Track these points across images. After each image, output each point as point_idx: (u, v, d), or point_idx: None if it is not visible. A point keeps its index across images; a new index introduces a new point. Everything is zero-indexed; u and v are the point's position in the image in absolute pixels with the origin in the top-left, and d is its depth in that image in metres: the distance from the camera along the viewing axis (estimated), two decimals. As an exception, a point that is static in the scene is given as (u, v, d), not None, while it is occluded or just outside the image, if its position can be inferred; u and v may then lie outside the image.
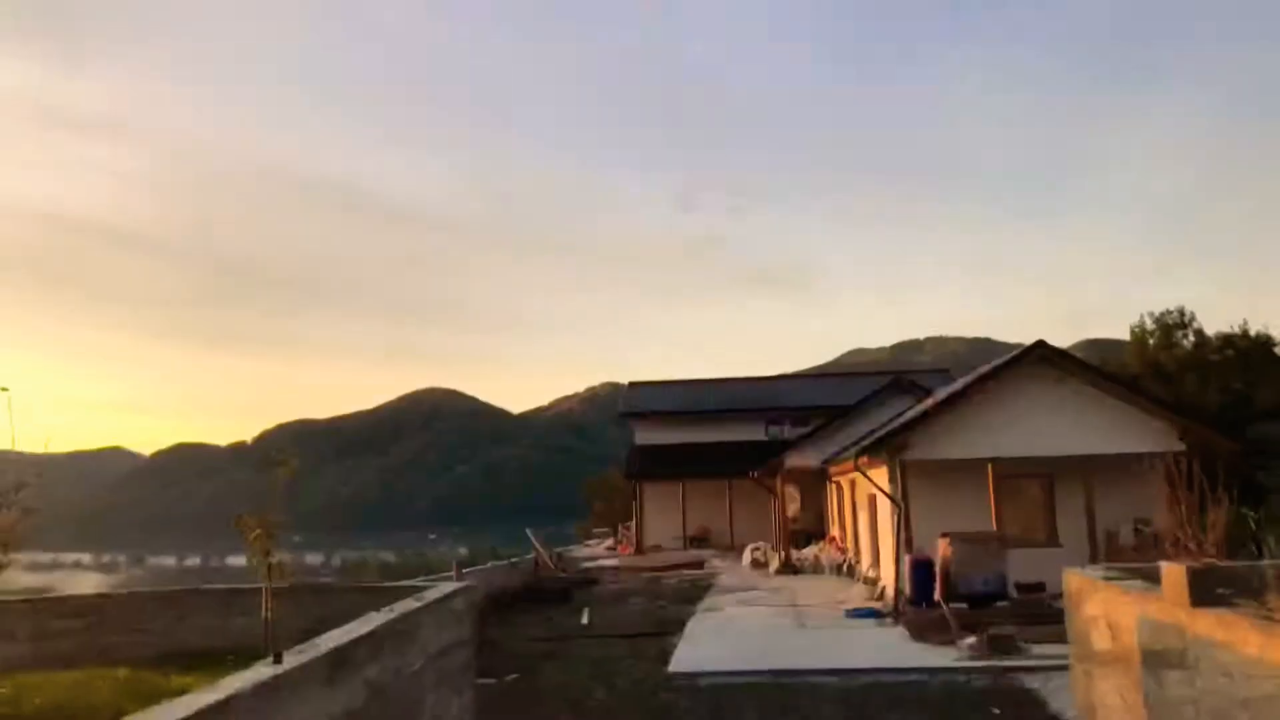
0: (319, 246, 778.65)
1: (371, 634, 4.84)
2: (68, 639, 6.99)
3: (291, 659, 4.00)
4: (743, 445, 36.40)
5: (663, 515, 38.11)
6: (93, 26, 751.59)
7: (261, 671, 3.70)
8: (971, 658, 13.34)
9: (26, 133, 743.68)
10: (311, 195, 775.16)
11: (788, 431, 36.72)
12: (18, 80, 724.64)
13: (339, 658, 4.33)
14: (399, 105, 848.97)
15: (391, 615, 5.31)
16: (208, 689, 3.34)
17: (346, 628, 4.83)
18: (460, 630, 6.47)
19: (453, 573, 17.77)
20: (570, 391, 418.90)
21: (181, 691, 3.92)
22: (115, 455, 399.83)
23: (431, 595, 6.17)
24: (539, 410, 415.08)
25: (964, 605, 16.15)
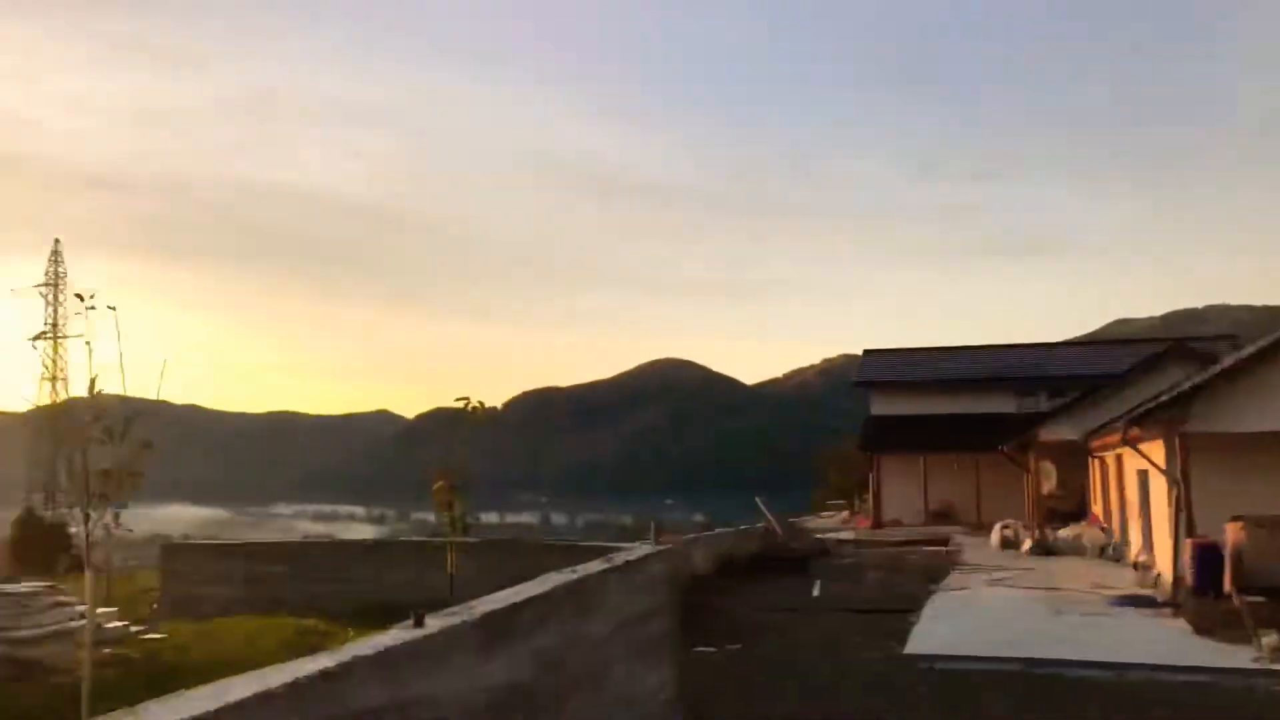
0: (559, 221, 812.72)
1: (544, 596, 4.24)
2: (279, 584, 7.02)
3: (435, 621, 3.44)
4: (990, 417, 34.16)
5: (902, 489, 36.68)
6: (366, 19, 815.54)
7: (396, 635, 3.15)
8: (1273, 659, 11.37)
9: (298, 123, 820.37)
10: (556, 172, 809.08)
11: (1042, 403, 34.23)
12: (304, 76, 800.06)
13: (498, 622, 3.73)
14: (639, 77, 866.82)
15: (571, 577, 4.72)
16: (327, 653, 2.83)
17: (515, 589, 4.27)
18: (655, 598, 5.84)
19: (651, 536, 17.29)
20: (806, 363, 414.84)
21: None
22: (382, 418, 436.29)
23: (622, 558, 5.56)
24: (773, 381, 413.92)
25: (1260, 598, 13.90)
